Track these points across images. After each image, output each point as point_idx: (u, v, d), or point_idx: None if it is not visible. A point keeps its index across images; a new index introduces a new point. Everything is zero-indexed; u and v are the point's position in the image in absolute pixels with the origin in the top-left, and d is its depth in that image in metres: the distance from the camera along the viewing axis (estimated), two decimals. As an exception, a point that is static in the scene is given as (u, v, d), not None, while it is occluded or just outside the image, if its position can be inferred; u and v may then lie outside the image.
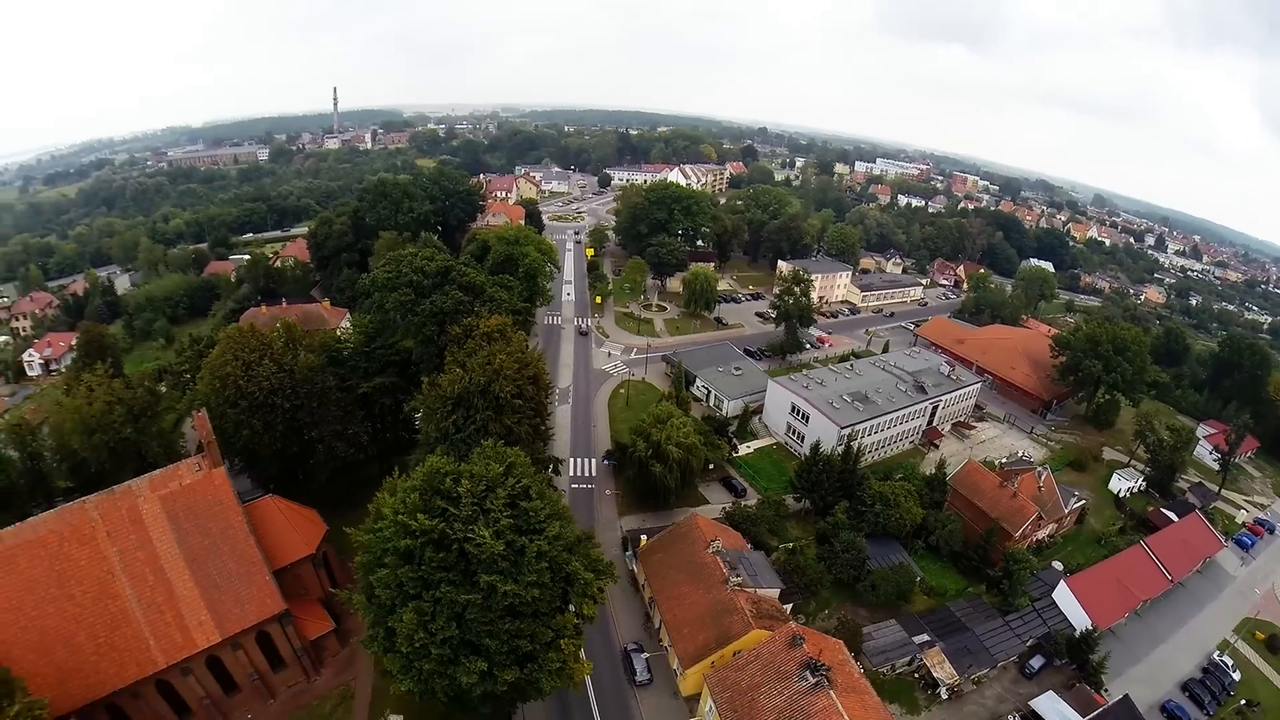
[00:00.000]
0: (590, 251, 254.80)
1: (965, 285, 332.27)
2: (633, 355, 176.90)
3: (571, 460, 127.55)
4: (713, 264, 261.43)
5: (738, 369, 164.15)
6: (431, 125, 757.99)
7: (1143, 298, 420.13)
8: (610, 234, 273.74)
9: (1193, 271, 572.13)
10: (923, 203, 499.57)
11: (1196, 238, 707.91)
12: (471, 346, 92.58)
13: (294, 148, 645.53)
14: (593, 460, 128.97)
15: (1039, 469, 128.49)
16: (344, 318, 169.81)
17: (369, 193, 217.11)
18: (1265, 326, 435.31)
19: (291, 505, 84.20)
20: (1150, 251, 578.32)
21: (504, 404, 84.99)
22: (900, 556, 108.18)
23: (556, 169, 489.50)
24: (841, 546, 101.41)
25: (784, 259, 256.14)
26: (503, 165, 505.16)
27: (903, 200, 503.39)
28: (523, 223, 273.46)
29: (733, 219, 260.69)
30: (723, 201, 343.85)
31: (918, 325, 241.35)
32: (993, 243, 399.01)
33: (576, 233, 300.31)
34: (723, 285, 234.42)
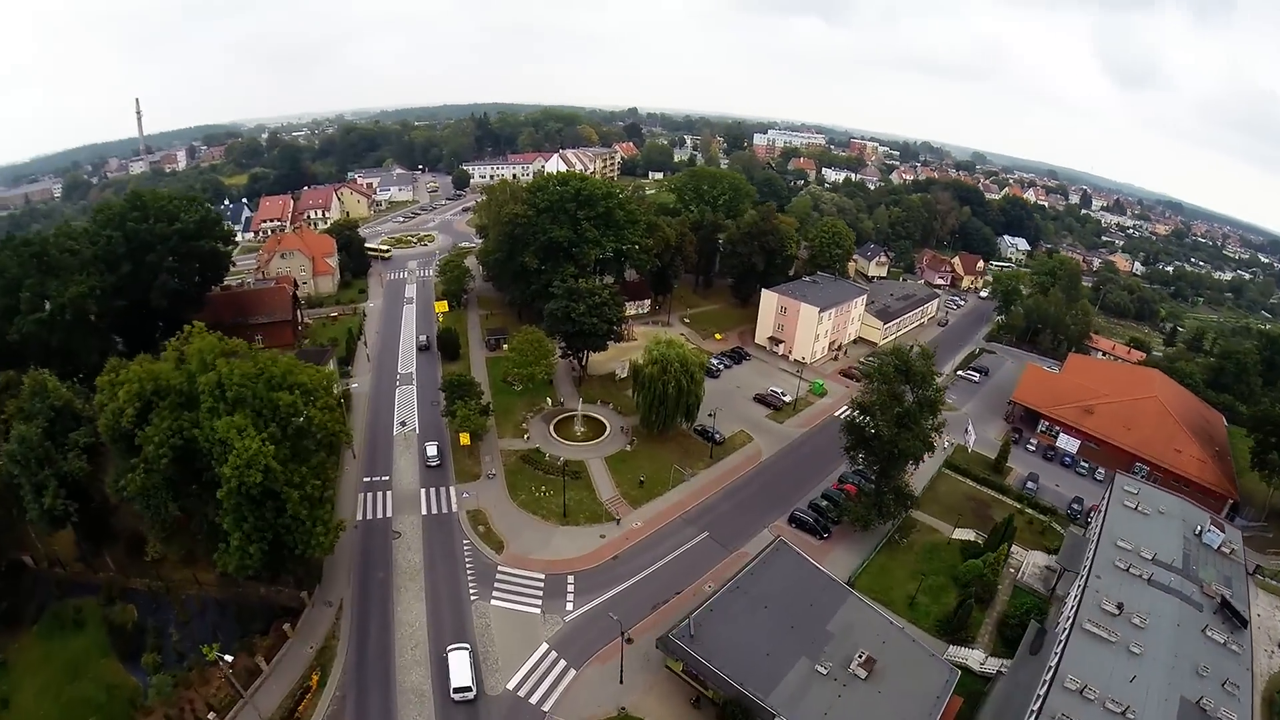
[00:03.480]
0: (443, 307, 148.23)
1: (973, 284, 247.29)
2: (570, 614, 77.47)
3: None
4: (648, 302, 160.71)
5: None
6: (250, 134, 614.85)
7: (1096, 266, 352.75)
8: (475, 268, 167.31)
9: (1128, 229, 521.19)
10: (855, 176, 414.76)
11: (1115, 195, 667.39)
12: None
13: (92, 179, 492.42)
14: None
15: None
16: None
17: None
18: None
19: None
20: (1084, 212, 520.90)
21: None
22: None
23: (399, 170, 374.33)
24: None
25: (765, 284, 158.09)
26: (333, 174, 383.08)
27: (830, 175, 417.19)
28: (332, 260, 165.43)
29: (674, 227, 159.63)
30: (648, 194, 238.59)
31: (982, 374, 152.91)
32: (964, 221, 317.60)
33: (423, 265, 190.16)
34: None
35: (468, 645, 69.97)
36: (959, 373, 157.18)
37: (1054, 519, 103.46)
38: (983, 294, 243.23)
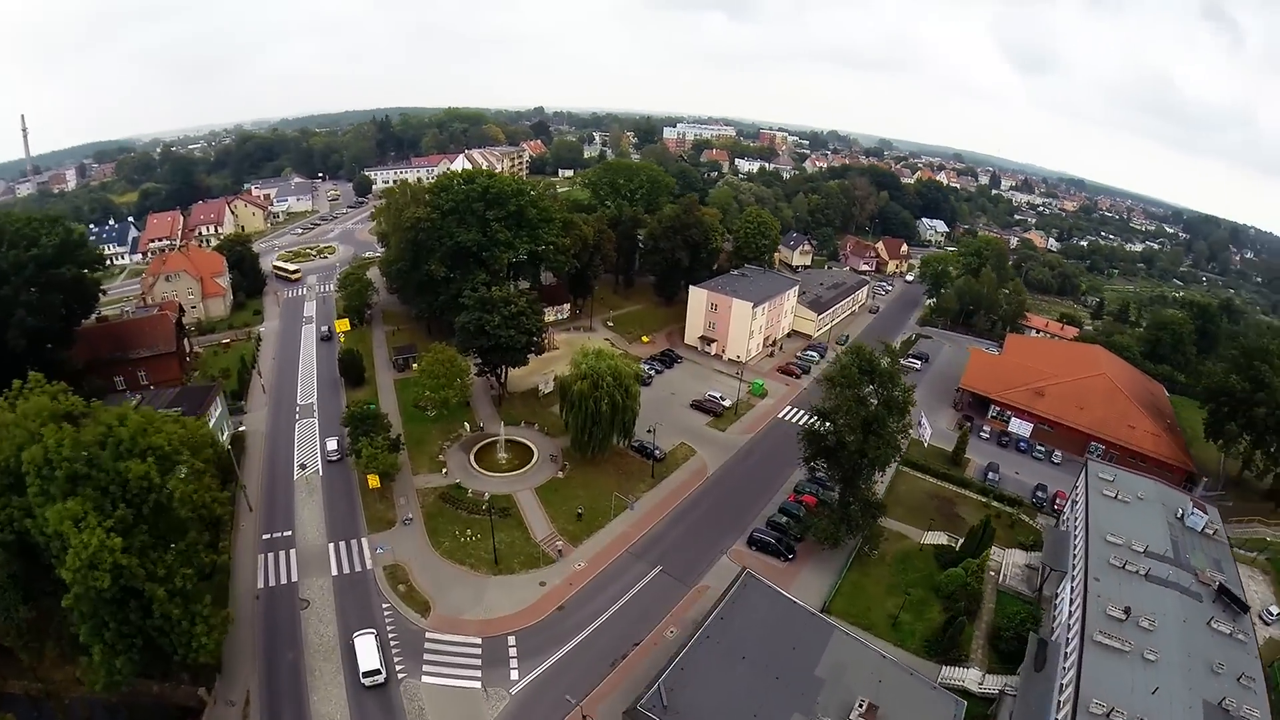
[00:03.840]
0: (344, 325, 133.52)
1: (898, 269, 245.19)
2: (516, 685, 66.80)
3: None
4: (567, 307, 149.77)
5: None
6: (145, 149, 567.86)
7: (1014, 244, 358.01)
8: (379, 279, 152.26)
9: (1037, 206, 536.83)
10: (769, 166, 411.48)
11: (1021, 175, 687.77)
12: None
13: None
14: None
15: None
16: None
17: None
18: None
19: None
20: (994, 192, 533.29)
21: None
22: None
23: (298, 179, 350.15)
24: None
25: (691, 280, 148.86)
26: (228, 186, 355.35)
27: (744, 165, 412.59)
28: (222, 280, 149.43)
29: (592, 224, 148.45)
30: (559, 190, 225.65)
31: (923, 361, 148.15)
32: (883, 206, 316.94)
33: (324, 280, 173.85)
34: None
35: (374, 630, 67.74)
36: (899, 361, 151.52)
37: (1021, 510, 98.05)
38: (909, 278, 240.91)
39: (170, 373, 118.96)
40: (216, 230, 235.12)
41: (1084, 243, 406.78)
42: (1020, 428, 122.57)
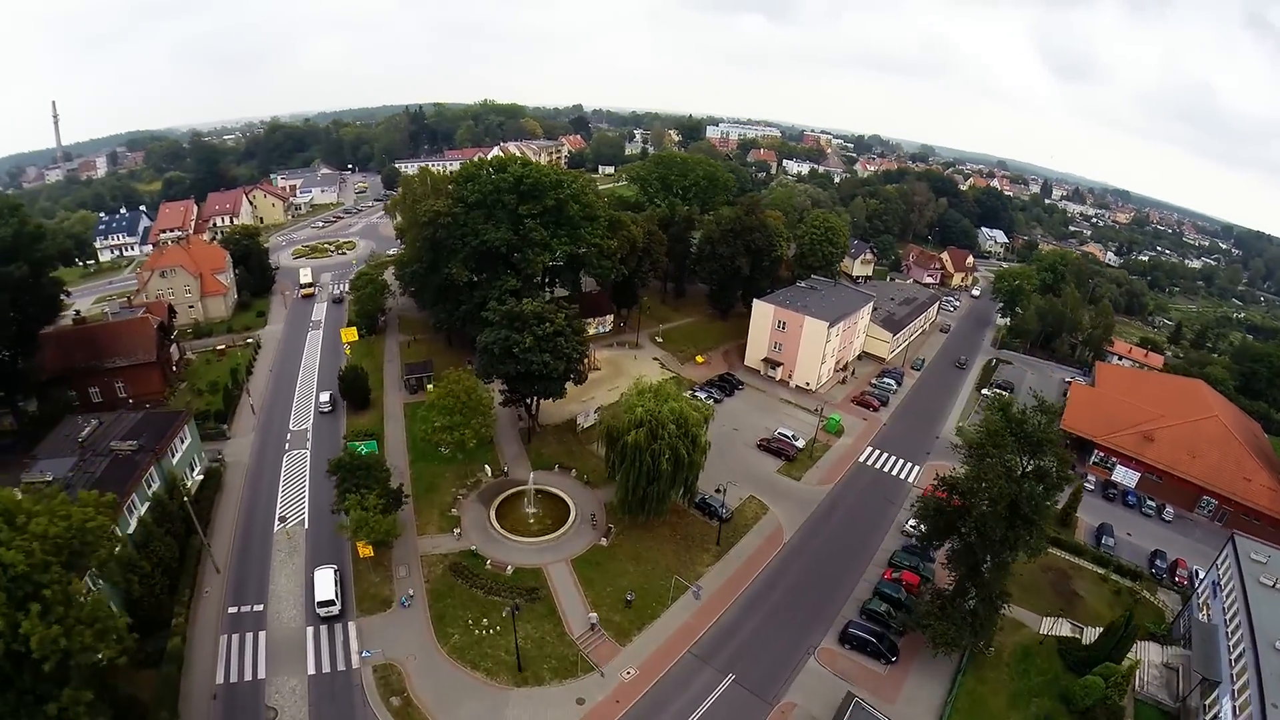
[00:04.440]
0: (351, 335, 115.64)
1: (963, 282, 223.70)
2: None
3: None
4: (610, 319, 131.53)
5: None
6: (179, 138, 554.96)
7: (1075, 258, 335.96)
8: (394, 280, 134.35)
9: (1090, 218, 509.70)
10: (820, 168, 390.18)
11: (1074, 186, 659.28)
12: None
13: (8, 190, 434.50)
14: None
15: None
16: None
17: None
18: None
19: None
20: (1046, 201, 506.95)
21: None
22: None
23: (325, 170, 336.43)
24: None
25: (748, 290, 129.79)
26: (254, 176, 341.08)
27: (792, 167, 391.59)
28: (224, 278, 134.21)
29: (641, 224, 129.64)
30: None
31: (1008, 393, 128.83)
32: (941, 214, 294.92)
33: (339, 279, 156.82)
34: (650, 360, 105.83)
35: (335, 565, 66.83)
36: (983, 391, 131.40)
37: (1142, 584, 79.98)
38: (974, 292, 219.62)
39: (152, 385, 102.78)
40: (232, 221, 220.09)
41: (1144, 257, 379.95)
42: (1125, 477, 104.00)
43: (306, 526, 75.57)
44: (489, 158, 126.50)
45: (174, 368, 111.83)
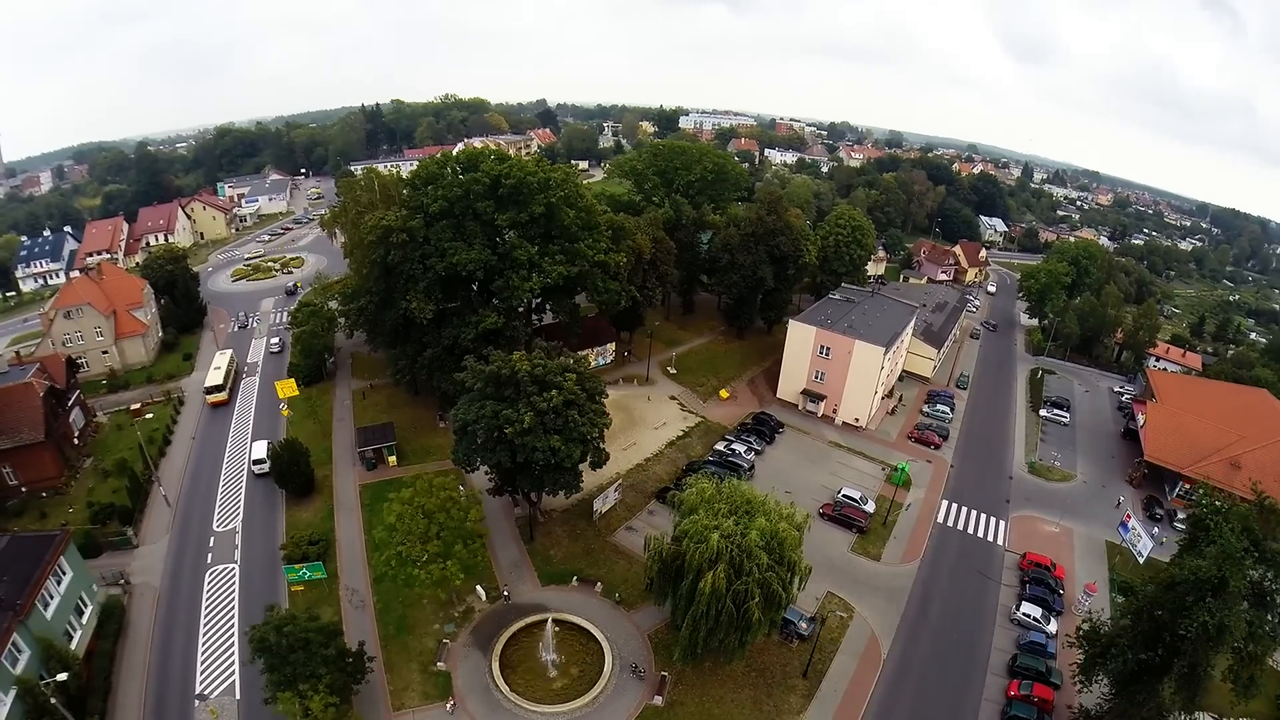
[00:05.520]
0: (290, 389, 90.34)
1: (976, 278, 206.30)
2: None
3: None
4: (611, 347, 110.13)
5: None
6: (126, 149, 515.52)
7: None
8: (341, 308, 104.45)
9: (1076, 201, 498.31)
10: (807, 157, 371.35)
11: (1051, 169, 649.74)
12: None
13: None
14: None
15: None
16: None
17: None
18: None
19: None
20: (1031, 185, 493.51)
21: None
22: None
23: (275, 176, 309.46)
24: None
25: (778, 306, 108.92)
26: (201, 185, 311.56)
27: (776, 156, 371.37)
28: (143, 314, 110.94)
29: (646, 230, 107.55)
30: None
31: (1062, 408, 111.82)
32: (940, 203, 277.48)
33: (282, 306, 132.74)
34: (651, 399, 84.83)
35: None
36: (1041, 413, 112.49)
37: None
38: (990, 288, 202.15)
39: (45, 469, 79.71)
40: (167, 239, 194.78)
41: (1138, 241, 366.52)
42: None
43: (239, 697, 52.80)
44: (454, 153, 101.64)
45: (76, 440, 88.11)
